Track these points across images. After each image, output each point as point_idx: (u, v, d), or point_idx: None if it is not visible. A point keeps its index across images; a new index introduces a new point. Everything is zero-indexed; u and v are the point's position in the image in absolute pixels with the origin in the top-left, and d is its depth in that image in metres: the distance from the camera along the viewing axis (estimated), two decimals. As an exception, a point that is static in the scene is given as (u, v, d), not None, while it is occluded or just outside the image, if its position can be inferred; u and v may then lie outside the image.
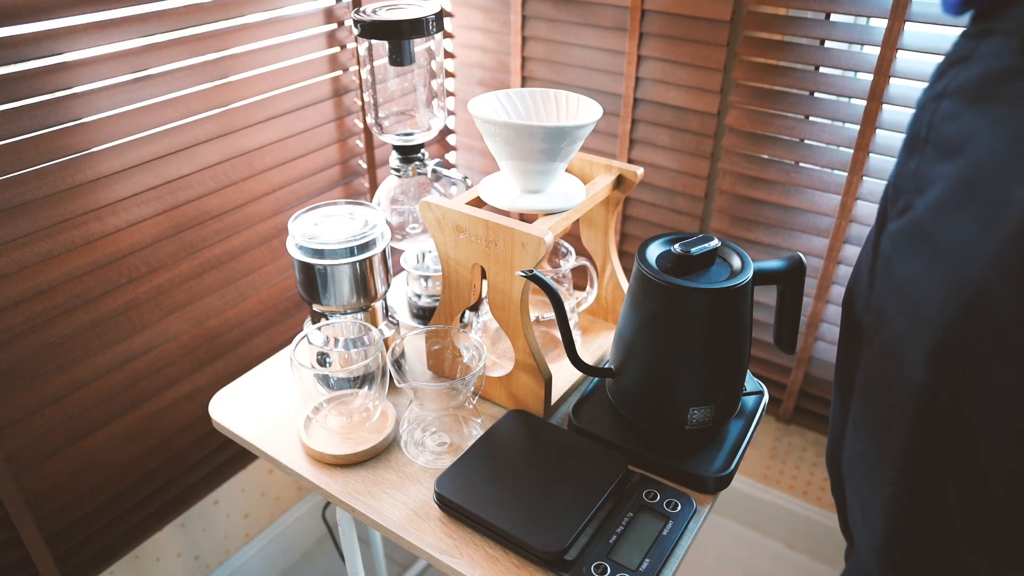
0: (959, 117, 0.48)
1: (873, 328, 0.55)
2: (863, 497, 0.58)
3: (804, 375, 1.36)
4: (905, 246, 0.51)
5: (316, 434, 0.86)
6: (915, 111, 0.54)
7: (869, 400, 0.57)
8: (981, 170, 0.45)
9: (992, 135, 0.45)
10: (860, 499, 0.59)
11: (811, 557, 1.59)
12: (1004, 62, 0.45)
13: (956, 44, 0.51)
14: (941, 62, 0.53)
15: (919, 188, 0.51)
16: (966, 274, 0.45)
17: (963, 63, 0.49)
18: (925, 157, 0.51)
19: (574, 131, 0.78)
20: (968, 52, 0.49)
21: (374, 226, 0.88)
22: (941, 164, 0.49)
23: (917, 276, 0.49)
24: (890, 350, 0.52)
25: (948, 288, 0.46)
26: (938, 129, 0.50)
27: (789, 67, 1.18)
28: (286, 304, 1.32)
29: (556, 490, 0.75)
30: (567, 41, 1.36)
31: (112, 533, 1.15)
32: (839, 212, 1.20)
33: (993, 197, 0.44)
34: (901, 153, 0.56)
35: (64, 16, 0.91)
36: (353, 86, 1.33)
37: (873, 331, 0.55)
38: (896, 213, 0.55)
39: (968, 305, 0.45)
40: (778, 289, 0.82)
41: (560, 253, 1.01)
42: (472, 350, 0.87)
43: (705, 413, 0.79)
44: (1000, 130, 0.44)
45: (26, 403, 0.98)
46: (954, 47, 0.51)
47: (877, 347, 0.55)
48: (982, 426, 0.47)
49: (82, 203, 0.98)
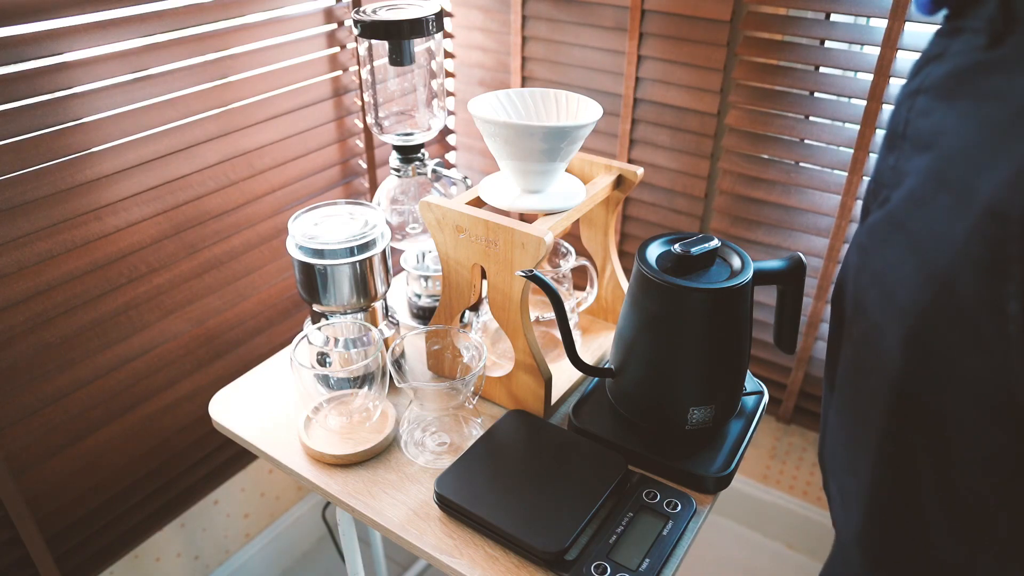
0: (932, 113, 0.50)
1: (852, 319, 0.57)
2: (844, 485, 0.60)
3: (804, 375, 1.36)
4: (881, 237, 0.53)
5: (316, 434, 0.86)
6: (894, 108, 0.56)
7: (849, 389, 0.58)
8: (950, 162, 0.47)
9: (959, 129, 0.47)
10: (841, 487, 0.60)
11: (811, 557, 1.59)
12: (971, 59, 0.47)
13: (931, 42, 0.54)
14: (917, 59, 0.55)
15: (897, 182, 0.53)
16: (937, 263, 0.46)
17: (937, 60, 0.51)
18: (903, 152, 0.53)
19: (574, 131, 0.78)
20: (941, 49, 0.51)
21: (374, 226, 0.88)
22: (916, 158, 0.51)
23: (892, 266, 0.51)
24: (867, 339, 0.54)
25: (920, 277, 0.48)
26: (914, 124, 0.52)
27: (789, 67, 1.18)
28: (286, 304, 1.32)
29: (556, 490, 0.75)
30: (567, 41, 1.36)
31: (112, 533, 1.15)
32: (839, 212, 1.20)
33: (960, 188, 0.45)
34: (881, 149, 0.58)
35: (64, 16, 0.91)
36: (353, 86, 1.33)
37: (852, 322, 0.57)
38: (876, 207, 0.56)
39: (938, 293, 0.46)
40: (778, 289, 0.82)
41: (560, 253, 1.01)
42: (472, 350, 0.87)
43: (705, 413, 0.79)
44: (966, 124, 0.46)
45: (26, 403, 0.98)
46: (929, 45, 0.54)
47: (856, 337, 0.56)
48: (954, 412, 0.48)
49: (82, 203, 0.98)
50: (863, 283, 0.55)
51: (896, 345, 0.50)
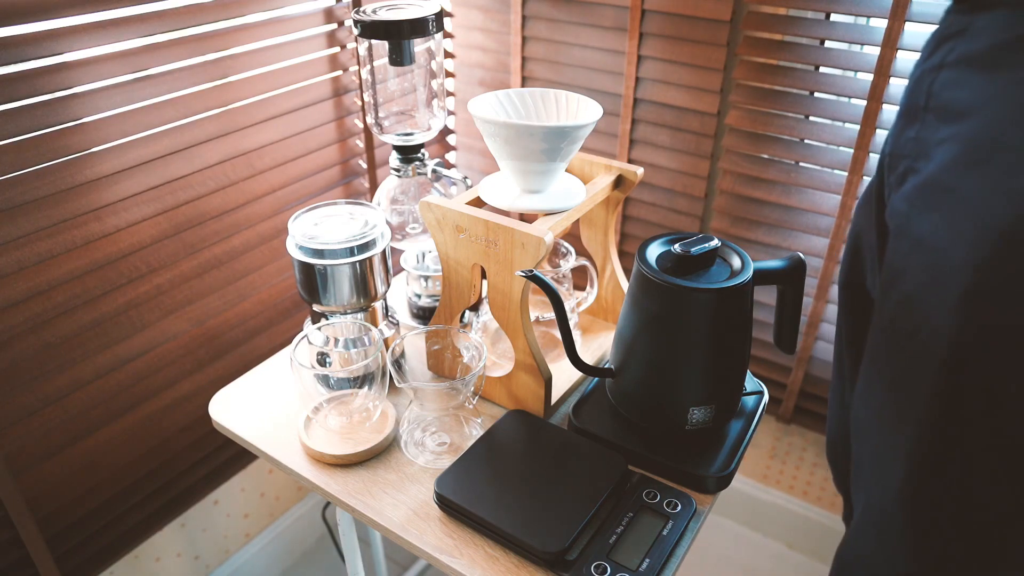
0: (964, 85, 0.53)
1: (887, 287, 0.58)
2: (878, 448, 0.61)
3: (804, 375, 1.36)
4: (923, 203, 0.55)
5: (316, 434, 0.86)
6: (910, 83, 0.59)
7: (884, 355, 0.60)
8: (1001, 126, 0.50)
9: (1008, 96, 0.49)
10: (874, 451, 0.62)
11: (811, 557, 1.59)
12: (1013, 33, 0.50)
13: (946, 20, 0.56)
14: (932, 36, 0.57)
15: (921, 152, 0.56)
16: (994, 219, 0.49)
17: (959, 36, 0.54)
18: (925, 124, 0.56)
19: (574, 131, 0.78)
20: (963, 26, 0.54)
21: (374, 226, 0.88)
22: (944, 127, 0.54)
23: (938, 228, 0.53)
24: (910, 302, 0.56)
25: (976, 234, 0.50)
26: (939, 97, 0.55)
27: (789, 67, 1.18)
28: (286, 304, 1.32)
29: (556, 490, 0.75)
30: (567, 41, 1.36)
31: (112, 533, 1.15)
32: (839, 212, 1.20)
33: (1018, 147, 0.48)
34: (897, 123, 0.61)
35: (64, 16, 0.91)
36: (353, 86, 1.33)
37: (888, 289, 0.58)
38: (896, 179, 0.59)
39: (998, 247, 0.49)
40: (778, 289, 0.82)
41: (560, 253, 1.01)
42: (472, 350, 0.87)
43: (705, 413, 0.79)
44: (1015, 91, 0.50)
45: (26, 403, 0.98)
46: (945, 22, 0.56)
47: (893, 303, 0.58)
48: (1011, 366, 0.50)
49: (82, 203, 0.98)
50: (901, 250, 0.57)
51: (949, 303, 0.52)
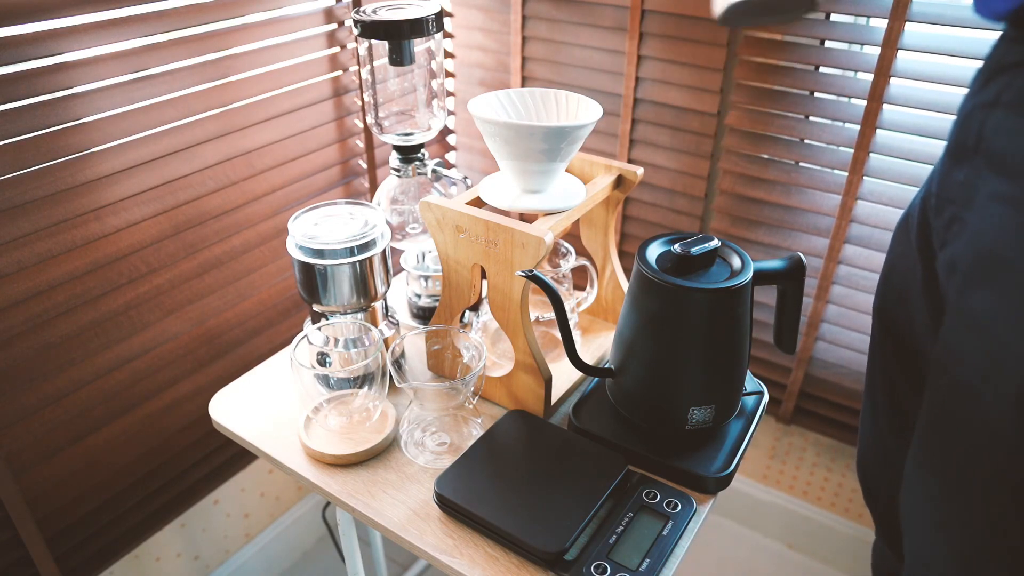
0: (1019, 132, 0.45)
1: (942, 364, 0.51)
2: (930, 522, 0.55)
3: (804, 375, 1.36)
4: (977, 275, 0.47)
5: (316, 434, 0.86)
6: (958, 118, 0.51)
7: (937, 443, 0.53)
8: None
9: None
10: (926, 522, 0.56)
11: (811, 557, 1.59)
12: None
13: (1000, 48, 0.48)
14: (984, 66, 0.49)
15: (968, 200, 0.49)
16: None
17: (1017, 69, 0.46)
18: (975, 168, 0.49)
19: (574, 131, 0.78)
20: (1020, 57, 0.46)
21: (374, 226, 0.88)
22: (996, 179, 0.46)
23: (995, 310, 0.45)
24: (964, 389, 0.49)
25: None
26: (991, 142, 0.47)
27: (789, 67, 1.18)
28: (286, 304, 1.32)
29: (556, 490, 0.75)
30: (567, 41, 1.36)
31: (112, 533, 1.15)
32: (839, 212, 1.20)
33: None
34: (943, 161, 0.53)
35: (64, 16, 0.91)
36: (353, 86, 1.33)
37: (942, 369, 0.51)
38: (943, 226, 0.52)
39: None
40: (778, 289, 0.82)
41: (560, 253, 1.01)
42: (472, 350, 0.87)
43: (705, 413, 0.79)
44: None
45: (26, 403, 0.98)
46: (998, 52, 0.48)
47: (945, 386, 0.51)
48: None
49: (82, 203, 0.98)
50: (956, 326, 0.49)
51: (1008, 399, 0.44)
